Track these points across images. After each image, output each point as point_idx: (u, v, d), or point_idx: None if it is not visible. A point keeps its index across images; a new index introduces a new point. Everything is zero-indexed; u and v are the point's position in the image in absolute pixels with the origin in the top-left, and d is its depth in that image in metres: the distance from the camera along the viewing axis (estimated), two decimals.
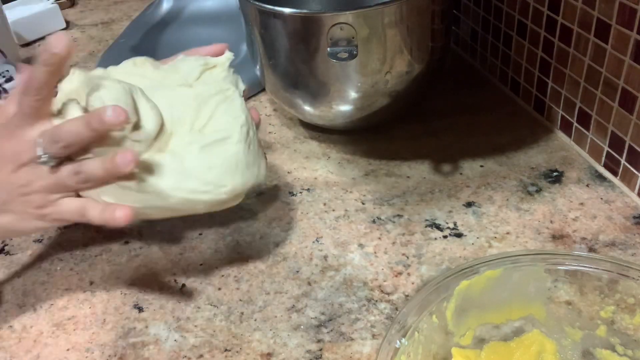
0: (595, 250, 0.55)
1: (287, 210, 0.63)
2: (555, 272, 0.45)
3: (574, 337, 0.45)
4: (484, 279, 0.44)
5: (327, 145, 0.72)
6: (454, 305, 0.43)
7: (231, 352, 0.49)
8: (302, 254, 0.58)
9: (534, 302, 0.45)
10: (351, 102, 0.65)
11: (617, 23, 0.55)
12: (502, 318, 0.46)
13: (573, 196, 0.61)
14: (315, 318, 0.52)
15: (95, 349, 0.51)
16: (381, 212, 0.61)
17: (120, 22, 1.09)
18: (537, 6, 0.66)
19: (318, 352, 0.49)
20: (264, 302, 0.53)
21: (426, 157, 0.68)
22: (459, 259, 0.55)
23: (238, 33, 0.72)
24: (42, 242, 0.62)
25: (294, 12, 0.59)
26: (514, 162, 0.66)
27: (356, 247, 0.58)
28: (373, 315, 0.51)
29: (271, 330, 0.51)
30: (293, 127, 0.76)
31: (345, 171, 0.68)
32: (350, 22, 0.58)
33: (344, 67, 0.61)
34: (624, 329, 0.44)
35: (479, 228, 0.58)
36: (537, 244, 0.56)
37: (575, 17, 0.61)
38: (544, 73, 0.69)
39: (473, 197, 0.62)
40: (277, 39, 0.63)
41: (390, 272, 0.55)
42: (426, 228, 0.59)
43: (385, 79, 0.63)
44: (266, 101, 0.81)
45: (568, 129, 0.68)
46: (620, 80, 0.57)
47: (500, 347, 0.45)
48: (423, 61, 0.64)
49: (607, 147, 0.62)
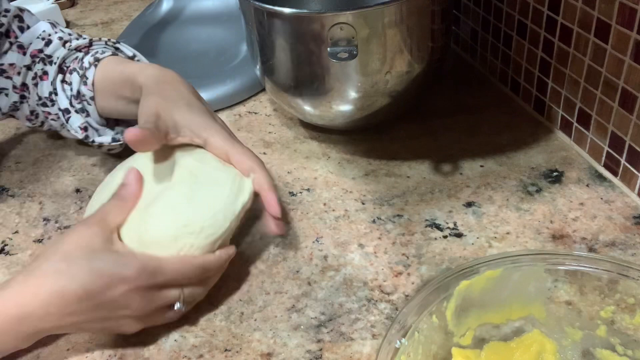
0: (595, 250, 0.55)
1: (287, 210, 0.63)
2: (555, 272, 0.45)
3: (574, 337, 0.45)
4: (484, 279, 0.44)
5: (327, 145, 0.72)
6: (454, 305, 0.43)
7: (231, 352, 0.49)
8: (302, 254, 0.58)
9: (534, 302, 0.45)
10: (351, 102, 0.65)
11: (617, 23, 0.55)
12: (502, 318, 0.46)
13: (573, 196, 0.61)
14: (315, 318, 0.52)
15: (95, 349, 0.51)
16: (381, 212, 0.61)
17: (120, 22, 1.09)
18: (537, 6, 0.66)
19: (318, 352, 0.49)
20: (264, 302, 0.53)
21: (426, 157, 0.68)
22: (459, 259, 0.55)
23: (238, 33, 0.72)
24: (42, 242, 0.62)
25: (294, 12, 0.59)
26: (514, 162, 0.66)
27: (356, 247, 0.58)
28: (373, 315, 0.51)
29: (271, 330, 0.51)
30: (293, 127, 0.76)
31: (345, 171, 0.68)
32: (350, 22, 0.58)
33: (344, 67, 0.61)
34: (624, 329, 0.44)
35: (479, 228, 0.58)
36: (537, 244, 0.56)
37: (575, 17, 0.61)
38: (544, 73, 0.69)
39: (473, 197, 0.62)
40: (277, 39, 0.63)
41: (390, 272, 0.55)
42: (426, 228, 0.59)
43: (385, 79, 0.63)
44: (266, 101, 0.82)
45: (568, 129, 0.68)
46: (620, 80, 0.57)
47: (500, 347, 0.45)
48: (423, 61, 0.64)
49: (607, 147, 0.62)
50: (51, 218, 0.65)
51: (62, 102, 0.64)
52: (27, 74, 0.66)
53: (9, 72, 0.66)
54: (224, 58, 0.89)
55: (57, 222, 0.64)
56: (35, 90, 0.66)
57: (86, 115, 0.64)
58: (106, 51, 0.64)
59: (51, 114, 0.66)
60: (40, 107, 0.66)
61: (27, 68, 0.66)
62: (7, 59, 0.65)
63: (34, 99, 0.66)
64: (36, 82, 0.65)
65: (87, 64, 0.63)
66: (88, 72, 0.62)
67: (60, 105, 0.64)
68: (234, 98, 0.80)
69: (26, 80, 0.66)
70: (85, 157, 0.74)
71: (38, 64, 0.65)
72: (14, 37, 0.66)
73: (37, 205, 0.67)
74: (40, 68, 0.65)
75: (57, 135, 0.77)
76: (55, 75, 0.64)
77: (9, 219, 0.65)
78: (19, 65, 0.65)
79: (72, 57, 0.65)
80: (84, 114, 0.64)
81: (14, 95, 0.66)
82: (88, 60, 0.63)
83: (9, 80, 0.66)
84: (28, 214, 0.66)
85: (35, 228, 0.64)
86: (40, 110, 0.67)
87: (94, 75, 0.62)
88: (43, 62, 0.65)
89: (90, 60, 0.63)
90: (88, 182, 0.70)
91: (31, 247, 0.61)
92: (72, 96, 0.63)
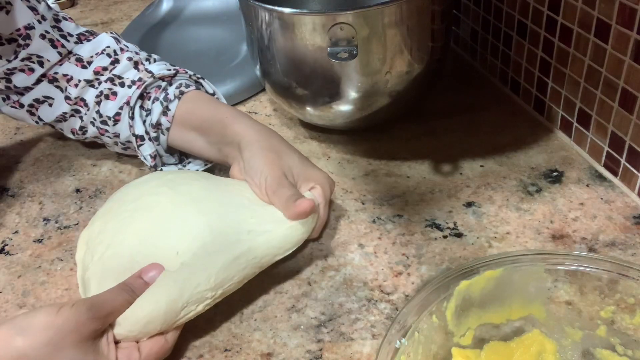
0: (595, 250, 0.55)
1: None
2: (555, 272, 0.45)
3: (574, 337, 0.45)
4: (484, 279, 0.44)
5: (327, 145, 0.72)
6: (454, 305, 0.43)
7: (231, 352, 0.49)
8: (302, 254, 0.58)
9: (534, 302, 0.45)
10: (351, 102, 0.65)
11: (617, 23, 0.55)
12: (502, 318, 0.46)
13: (573, 196, 0.61)
14: (315, 318, 0.52)
15: None
16: (381, 212, 0.61)
17: (120, 22, 1.09)
18: (537, 6, 0.66)
19: (318, 352, 0.49)
20: (264, 302, 0.53)
21: (426, 157, 0.68)
22: (459, 259, 0.55)
23: (238, 33, 0.72)
24: (42, 242, 0.62)
25: (294, 12, 0.59)
26: (514, 162, 0.66)
27: (356, 247, 0.58)
28: (373, 315, 0.51)
29: (271, 330, 0.51)
30: (293, 127, 0.76)
31: (345, 171, 0.68)
32: (350, 22, 0.58)
33: (344, 67, 0.61)
34: (624, 329, 0.44)
35: (479, 228, 0.58)
36: (537, 244, 0.56)
37: (575, 17, 0.61)
38: (544, 73, 0.69)
39: (473, 197, 0.62)
40: (277, 39, 0.63)
41: (390, 272, 0.55)
42: (426, 228, 0.59)
43: (385, 79, 0.63)
44: (266, 101, 0.82)
45: (568, 129, 0.68)
46: (620, 80, 0.57)
47: (500, 347, 0.45)
48: (423, 61, 0.64)
49: (607, 147, 0.62)
50: (51, 218, 0.65)
51: (138, 129, 0.64)
52: (87, 89, 0.65)
53: (60, 83, 0.65)
54: (224, 58, 0.88)
55: (57, 222, 0.64)
56: (97, 107, 0.65)
57: (157, 144, 0.64)
58: (190, 85, 0.64)
59: (108, 132, 0.66)
60: (96, 124, 0.66)
61: (89, 84, 0.65)
62: (63, 70, 0.64)
63: (92, 115, 0.65)
64: (100, 100, 0.64)
65: (172, 97, 0.63)
66: (171, 105, 0.63)
67: (136, 131, 0.64)
68: (234, 98, 0.80)
69: (86, 95, 0.65)
70: (85, 157, 0.74)
71: (105, 83, 0.64)
72: (60, 47, 0.64)
73: (37, 205, 0.67)
74: (108, 87, 0.64)
75: (57, 135, 0.77)
76: (135, 100, 0.63)
77: (9, 219, 0.65)
78: (76, 78, 0.64)
79: (154, 85, 0.65)
80: (156, 143, 0.64)
81: (65, 106, 0.65)
82: (173, 92, 0.63)
83: (58, 91, 0.65)
84: (28, 214, 0.66)
85: (35, 228, 0.64)
86: (94, 127, 0.66)
87: (177, 108, 0.62)
88: (112, 82, 0.64)
89: (175, 92, 0.63)
90: (88, 182, 0.70)
91: (31, 247, 0.61)
92: (150, 124, 0.63)
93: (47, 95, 0.65)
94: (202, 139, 0.63)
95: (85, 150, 0.75)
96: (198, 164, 0.67)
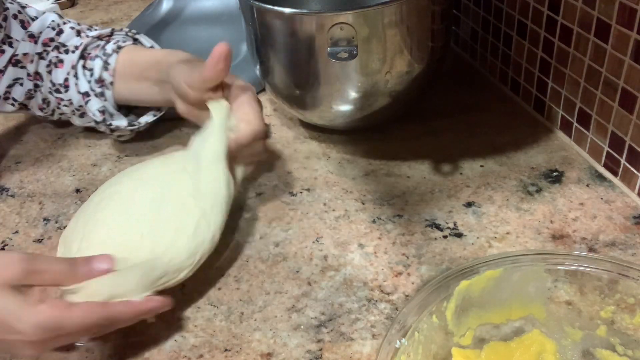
0: (595, 250, 0.55)
1: (287, 210, 0.63)
2: (555, 272, 0.45)
3: (574, 337, 0.45)
4: (484, 279, 0.44)
5: (327, 145, 0.72)
6: (454, 305, 0.43)
7: (231, 352, 0.49)
8: (302, 254, 0.58)
9: (534, 302, 0.45)
10: (351, 102, 0.65)
11: (617, 23, 0.55)
12: (502, 318, 0.46)
13: (573, 196, 0.61)
14: (315, 318, 0.52)
15: (95, 349, 0.50)
16: (381, 212, 0.61)
17: (120, 22, 1.09)
18: (537, 6, 0.66)
19: (318, 352, 0.49)
20: (264, 302, 0.53)
21: (426, 157, 0.68)
22: (459, 259, 0.55)
23: (238, 33, 0.72)
24: (42, 242, 0.62)
25: (294, 12, 0.59)
26: (514, 162, 0.66)
27: (356, 247, 0.58)
28: (373, 315, 0.51)
29: (271, 330, 0.51)
30: (293, 127, 0.76)
31: (345, 171, 0.68)
32: (350, 22, 0.58)
33: (344, 67, 0.61)
34: (624, 329, 0.44)
35: (479, 228, 0.58)
36: (537, 244, 0.56)
37: (575, 17, 0.61)
38: (544, 73, 0.69)
39: (473, 197, 0.62)
40: (277, 39, 0.63)
41: (390, 272, 0.55)
42: (426, 228, 0.59)
43: (385, 79, 0.63)
44: (266, 101, 0.81)
45: (568, 129, 0.68)
46: (620, 80, 0.57)
47: (500, 347, 0.45)
48: (423, 61, 0.64)
49: (607, 147, 0.62)
50: (51, 218, 0.65)
51: (83, 86, 0.67)
52: (39, 62, 0.68)
53: (23, 62, 0.68)
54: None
55: (57, 222, 0.64)
56: (49, 77, 0.68)
57: (104, 100, 0.67)
58: (127, 40, 0.69)
59: (64, 100, 0.69)
60: (53, 94, 0.69)
61: (40, 56, 0.68)
62: (21, 49, 0.67)
63: (47, 86, 0.69)
64: (50, 69, 0.68)
65: (110, 51, 0.67)
66: (110, 59, 0.66)
67: (80, 89, 0.67)
68: None
69: (39, 68, 0.68)
70: (85, 157, 0.74)
71: (52, 52, 0.68)
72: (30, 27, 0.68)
73: (37, 205, 0.67)
74: (55, 56, 0.68)
75: (57, 135, 0.77)
76: (76, 60, 0.67)
77: (9, 219, 0.65)
78: (31, 53, 0.68)
79: (93, 45, 0.68)
80: (102, 98, 0.67)
81: (29, 83, 0.69)
82: (111, 47, 0.67)
83: (24, 70, 0.68)
84: (28, 214, 0.66)
85: (35, 228, 0.64)
86: (52, 97, 0.69)
87: (116, 62, 0.66)
88: (57, 50, 0.68)
89: (113, 47, 0.67)
90: (88, 182, 0.70)
91: (31, 247, 0.61)
92: (94, 80, 0.66)
93: (16, 77, 0.68)
94: (145, 85, 0.66)
95: (85, 150, 0.75)
96: (149, 116, 0.71)
